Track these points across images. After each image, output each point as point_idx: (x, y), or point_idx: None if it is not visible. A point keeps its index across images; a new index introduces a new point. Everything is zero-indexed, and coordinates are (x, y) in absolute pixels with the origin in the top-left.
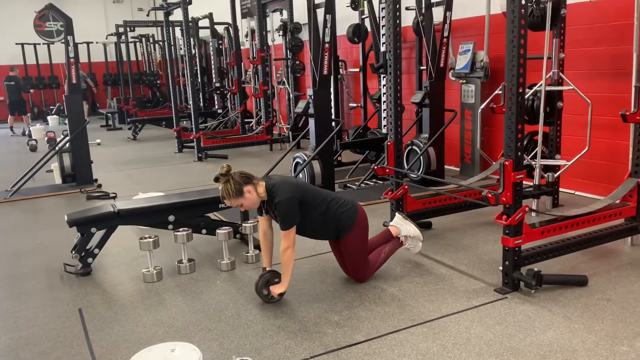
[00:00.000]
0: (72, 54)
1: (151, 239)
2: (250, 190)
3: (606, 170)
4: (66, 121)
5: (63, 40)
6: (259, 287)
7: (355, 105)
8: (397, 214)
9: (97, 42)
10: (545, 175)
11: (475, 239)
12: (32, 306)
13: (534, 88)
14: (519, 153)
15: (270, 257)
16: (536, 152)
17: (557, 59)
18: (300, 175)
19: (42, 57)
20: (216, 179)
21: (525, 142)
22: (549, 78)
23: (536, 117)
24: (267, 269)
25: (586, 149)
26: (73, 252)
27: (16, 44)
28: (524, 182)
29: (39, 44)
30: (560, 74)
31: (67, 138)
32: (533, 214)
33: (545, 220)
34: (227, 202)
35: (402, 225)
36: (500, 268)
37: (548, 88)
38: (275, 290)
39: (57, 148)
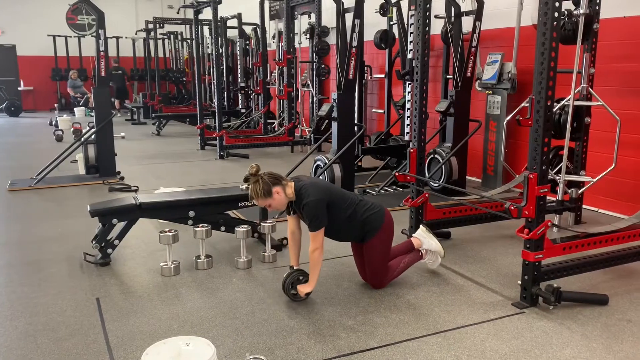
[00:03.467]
0: (102, 48)
1: (171, 233)
2: (279, 191)
3: (631, 189)
4: (92, 113)
5: (94, 34)
6: (287, 285)
7: (377, 111)
8: (421, 226)
9: (126, 37)
10: (569, 191)
11: (494, 252)
12: (51, 293)
13: (562, 102)
14: (544, 167)
15: (297, 256)
16: (561, 167)
17: (587, 74)
18: (321, 178)
19: (72, 49)
20: (246, 179)
21: (550, 157)
22: (577, 93)
23: (562, 132)
24: (295, 267)
25: (612, 167)
26: (93, 242)
27: (48, 35)
28: (547, 197)
29: (70, 36)
30: (590, 89)
31: (93, 130)
32: (555, 229)
33: (567, 236)
34: (256, 201)
35: (425, 239)
36: (519, 282)
37: (576, 103)
38: (303, 289)
39: (82, 139)
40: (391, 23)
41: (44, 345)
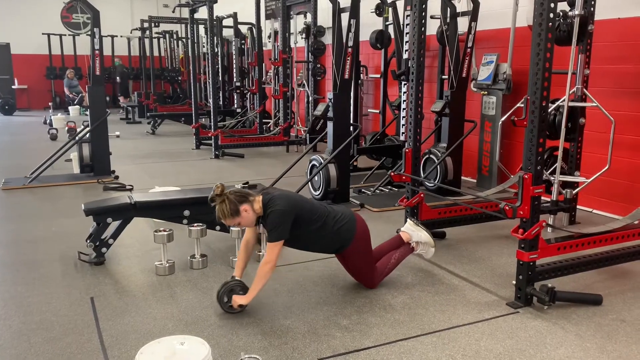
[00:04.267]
0: (97, 46)
1: (165, 233)
2: (247, 209)
3: (626, 189)
4: (87, 112)
5: (89, 33)
6: (221, 293)
7: (372, 111)
8: (408, 219)
9: (121, 36)
10: (564, 192)
11: (489, 252)
12: (45, 292)
13: (557, 103)
14: (539, 167)
15: (243, 268)
16: (555, 168)
17: (582, 75)
18: (316, 178)
19: (66, 48)
20: (211, 200)
21: (545, 157)
22: (572, 94)
23: (557, 133)
24: (236, 278)
25: (607, 167)
26: (88, 241)
27: (42, 33)
28: (542, 197)
29: (65, 35)
30: (584, 90)
31: (88, 129)
32: (549, 229)
33: (562, 236)
34: (224, 221)
35: (414, 232)
36: (514, 282)
37: (571, 104)
38: (238, 300)
39: (77, 138)
40: (387, 23)
41: (38, 345)
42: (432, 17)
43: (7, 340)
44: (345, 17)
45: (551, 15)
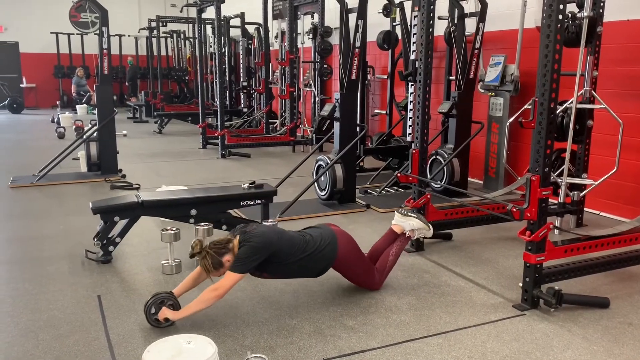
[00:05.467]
0: (105, 46)
1: (172, 232)
2: (229, 259)
3: (633, 192)
4: (94, 110)
5: (97, 32)
6: (149, 303)
7: (379, 112)
8: (395, 212)
9: (129, 35)
10: (571, 194)
11: (495, 253)
12: (53, 290)
13: (564, 105)
14: (547, 169)
15: (185, 290)
16: (563, 170)
17: (590, 77)
18: (322, 178)
19: (74, 47)
20: (191, 257)
21: (552, 159)
22: (580, 95)
23: (565, 135)
24: (172, 293)
25: (614, 170)
26: (95, 240)
27: (51, 32)
28: (549, 200)
29: (73, 34)
30: (593, 92)
31: (96, 127)
32: (556, 232)
33: (569, 239)
34: (209, 275)
35: (404, 222)
36: (520, 284)
37: (579, 105)
38: (167, 312)
39: (84, 137)
40: (394, 24)
41: (45, 342)
42: (439, 17)
43: (15, 337)
44: (352, 17)
45: (560, 16)
